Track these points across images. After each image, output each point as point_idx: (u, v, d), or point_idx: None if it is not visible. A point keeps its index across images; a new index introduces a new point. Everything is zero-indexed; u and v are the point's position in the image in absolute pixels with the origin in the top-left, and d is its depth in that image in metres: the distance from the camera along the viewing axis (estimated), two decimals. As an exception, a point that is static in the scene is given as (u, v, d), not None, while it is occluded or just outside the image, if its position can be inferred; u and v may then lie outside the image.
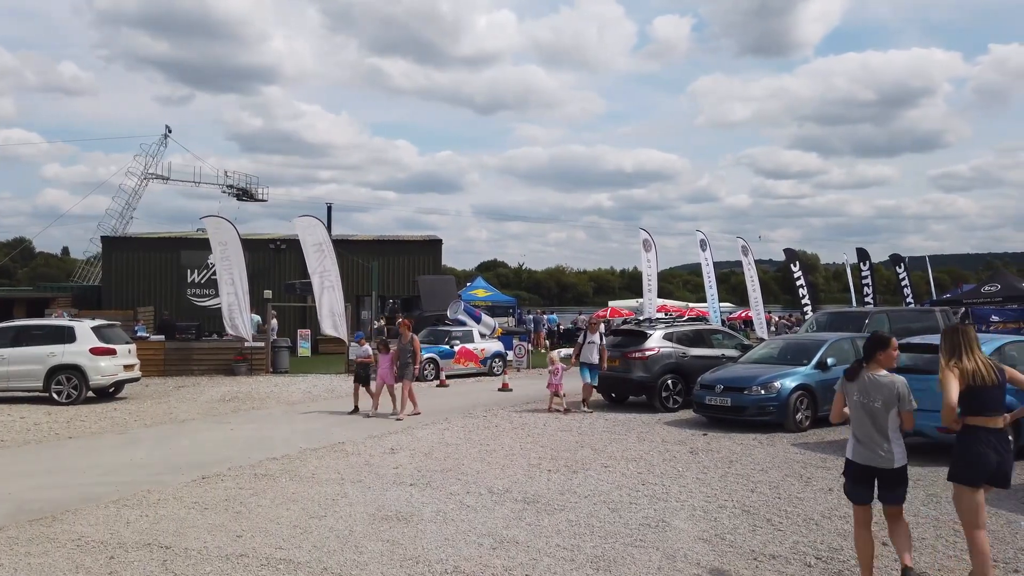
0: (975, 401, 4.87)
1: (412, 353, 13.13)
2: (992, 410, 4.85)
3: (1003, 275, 25.10)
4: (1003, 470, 4.88)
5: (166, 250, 32.31)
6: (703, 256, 26.28)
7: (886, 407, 4.92)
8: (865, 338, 13.43)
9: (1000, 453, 4.84)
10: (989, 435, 4.85)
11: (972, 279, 52.33)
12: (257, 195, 43.85)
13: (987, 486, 4.94)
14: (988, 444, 4.83)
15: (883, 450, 4.93)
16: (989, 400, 4.86)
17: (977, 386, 4.84)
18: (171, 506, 7.20)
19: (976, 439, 4.85)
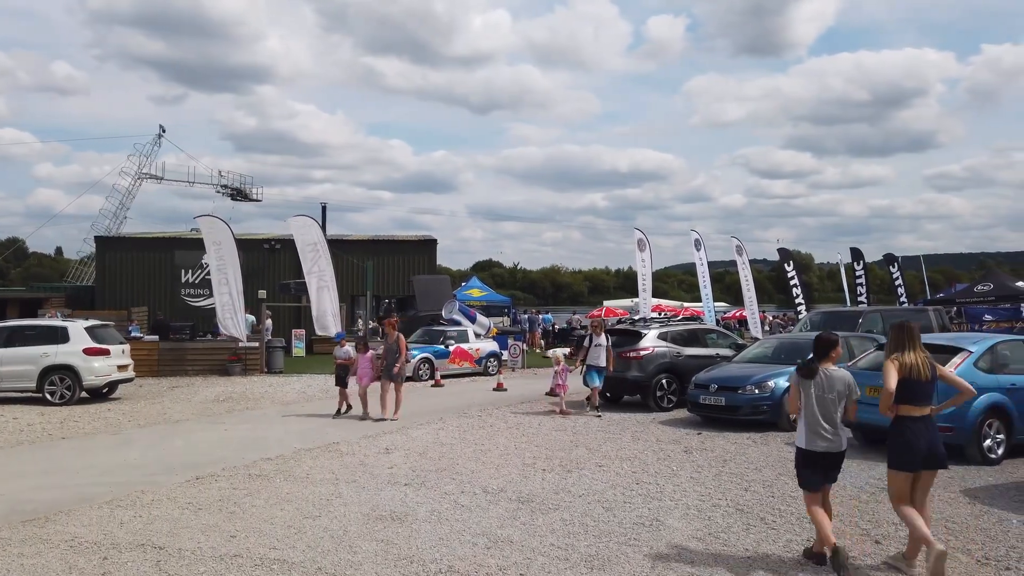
0: (908, 392, 5.39)
1: (398, 353, 12.74)
2: (921, 401, 5.41)
3: (996, 275, 25.24)
4: (935, 453, 5.39)
5: (160, 250, 32.21)
6: (697, 256, 26.33)
7: (839, 398, 5.52)
8: (857, 336, 13.40)
9: (928, 438, 5.38)
10: (917, 423, 5.41)
11: (966, 278, 52.53)
12: (251, 195, 43.79)
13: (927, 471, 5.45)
14: (916, 432, 5.37)
15: (835, 437, 5.54)
16: (920, 393, 5.41)
17: (912, 379, 5.37)
18: (165, 506, 7.19)
19: (905, 427, 5.41)
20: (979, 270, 61.16)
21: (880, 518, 6.78)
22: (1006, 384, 9.18)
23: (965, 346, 9.45)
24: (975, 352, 9.28)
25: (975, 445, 8.92)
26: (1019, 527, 6.51)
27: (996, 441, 9.05)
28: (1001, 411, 9.05)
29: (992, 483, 8.12)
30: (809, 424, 5.54)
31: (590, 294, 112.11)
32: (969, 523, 6.63)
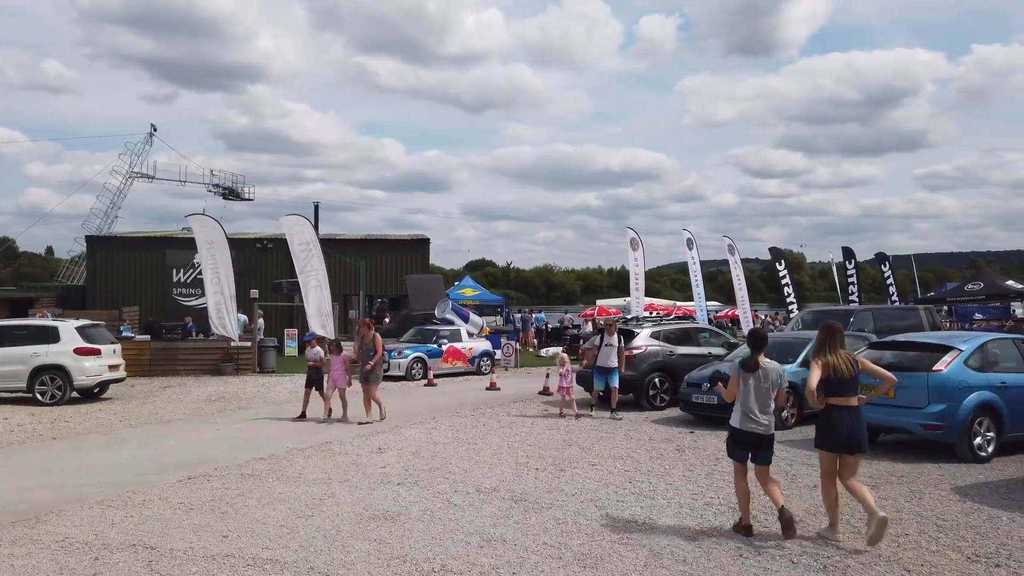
0: (834, 386, 6.14)
1: (375, 353, 12.35)
2: (847, 393, 6.15)
3: (986, 274, 25.38)
4: (855, 439, 6.10)
5: (151, 249, 32.08)
6: (690, 255, 26.38)
7: (772, 387, 6.26)
8: (849, 335, 13.50)
9: (852, 425, 6.10)
10: (844, 412, 6.13)
11: (956, 278, 52.81)
12: (243, 194, 43.63)
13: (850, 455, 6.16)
14: (842, 420, 6.12)
15: (765, 421, 6.26)
16: (844, 387, 6.15)
17: (836, 376, 6.11)
18: (157, 507, 7.16)
19: (832, 416, 6.17)
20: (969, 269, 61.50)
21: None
22: (996, 382, 9.23)
23: (955, 345, 9.50)
24: (965, 351, 9.34)
25: (965, 443, 8.97)
26: (1009, 524, 6.55)
27: (986, 439, 9.10)
28: (991, 409, 9.11)
29: (982, 481, 8.16)
30: (744, 410, 6.31)
31: (583, 293, 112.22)
32: (960, 520, 6.67)
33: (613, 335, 12.98)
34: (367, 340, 12.51)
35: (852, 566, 5.50)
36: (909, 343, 10.31)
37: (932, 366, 9.21)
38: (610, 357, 12.84)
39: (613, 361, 12.82)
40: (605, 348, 12.85)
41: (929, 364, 9.27)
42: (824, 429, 6.23)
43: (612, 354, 12.83)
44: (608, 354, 12.85)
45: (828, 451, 6.22)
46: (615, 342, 12.90)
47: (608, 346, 12.86)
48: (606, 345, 12.87)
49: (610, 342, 12.88)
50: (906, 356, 9.92)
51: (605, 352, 12.84)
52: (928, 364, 9.28)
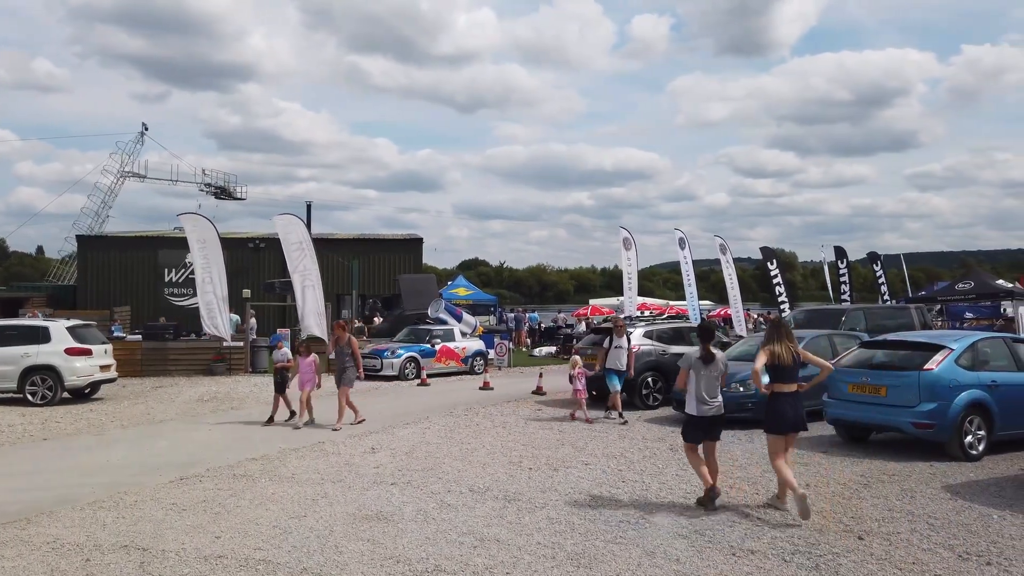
0: (778, 374, 6.89)
1: (350, 356, 11.98)
2: (789, 381, 6.90)
3: (977, 273, 25.48)
4: (799, 421, 6.94)
5: (143, 249, 31.98)
6: (682, 254, 26.43)
7: (720, 374, 7.14)
8: (841, 334, 13.50)
9: (794, 408, 6.90)
10: (787, 397, 6.91)
11: (947, 277, 53.10)
12: (236, 193, 43.44)
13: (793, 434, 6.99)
14: (786, 404, 6.88)
15: (716, 403, 7.11)
16: (787, 374, 6.90)
17: (779, 364, 6.86)
18: (148, 508, 7.13)
19: (777, 401, 6.91)
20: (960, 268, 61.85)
21: (863, 514, 6.84)
22: (987, 381, 9.29)
23: (947, 344, 9.55)
24: (956, 350, 9.38)
25: (956, 442, 9.02)
26: (1000, 522, 6.59)
27: (977, 437, 9.15)
28: (982, 408, 9.16)
29: (973, 479, 8.21)
30: (698, 397, 7.11)
31: (576, 293, 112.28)
32: (951, 519, 6.70)
33: (622, 336, 12.69)
34: (342, 343, 12.10)
35: (844, 564, 5.53)
36: (900, 342, 10.35)
37: (923, 365, 9.26)
38: (619, 358, 12.56)
39: (622, 363, 12.56)
40: (614, 350, 12.57)
41: (920, 363, 9.32)
42: (772, 415, 6.97)
43: (622, 356, 12.57)
44: (618, 355, 12.58)
45: (778, 434, 6.95)
46: (624, 343, 12.63)
47: (617, 348, 12.59)
48: (615, 347, 12.59)
49: (619, 343, 12.61)
50: (897, 355, 9.97)
51: (615, 354, 12.57)
52: (919, 363, 9.33)
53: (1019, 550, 5.85)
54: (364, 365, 19.56)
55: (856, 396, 9.83)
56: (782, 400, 6.90)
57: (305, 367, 12.13)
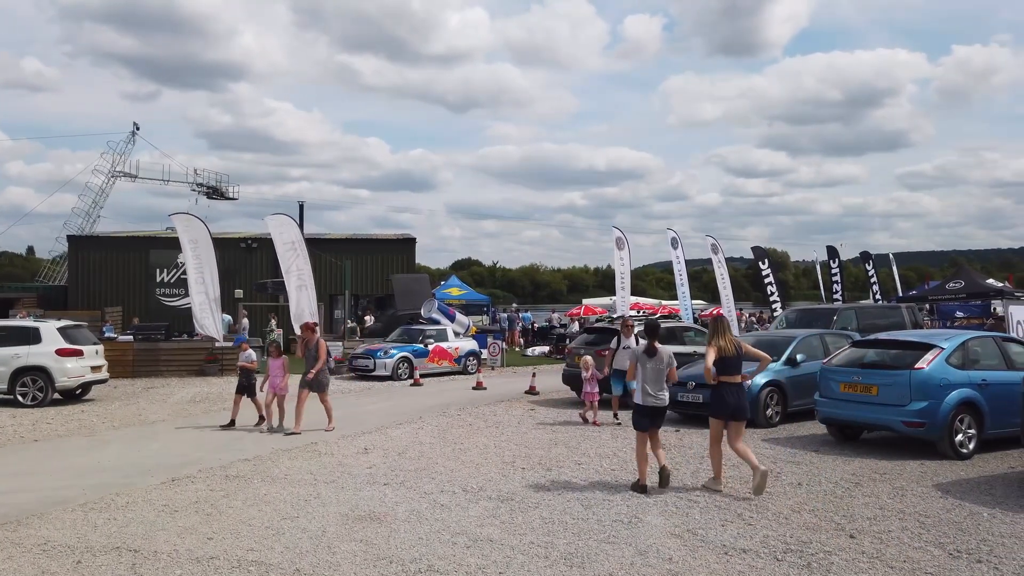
0: (723, 366, 7.63)
1: (317, 359, 11.41)
2: (733, 372, 7.64)
3: (967, 272, 25.66)
4: (740, 409, 7.70)
5: (134, 249, 31.83)
6: (674, 254, 26.47)
7: (665, 368, 7.75)
8: (833, 333, 13.54)
9: (736, 398, 7.65)
10: (730, 387, 7.64)
11: (938, 276, 53.36)
12: (227, 193, 43.29)
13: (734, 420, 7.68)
14: (729, 393, 7.63)
15: (663, 396, 7.79)
16: (731, 366, 7.63)
17: (725, 357, 7.59)
18: (140, 509, 7.10)
19: (722, 391, 7.66)
20: (950, 267, 62.17)
21: (854, 512, 6.88)
22: (977, 380, 9.34)
23: (937, 343, 9.59)
24: (947, 349, 9.43)
25: (947, 440, 9.07)
26: (990, 520, 6.63)
27: (967, 436, 9.20)
28: (972, 406, 9.21)
29: (964, 477, 8.26)
30: (644, 388, 7.76)
31: (569, 292, 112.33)
32: (941, 517, 6.74)
33: (630, 337, 12.15)
34: (310, 345, 11.57)
35: (836, 563, 5.55)
36: (891, 341, 10.40)
37: (914, 364, 9.30)
38: (627, 360, 12.25)
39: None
40: (622, 351, 12.06)
41: (911, 362, 9.37)
42: (716, 402, 7.76)
43: (627, 356, 12.34)
44: (625, 357, 11.66)
45: (719, 418, 7.75)
46: (632, 344, 11.98)
47: (625, 348, 12.04)
48: (623, 348, 12.10)
49: (627, 344, 12.11)
50: (888, 354, 10.01)
51: (622, 355, 11.97)
52: (910, 362, 9.38)
53: (1009, 548, 5.89)
54: (357, 365, 19.73)
55: (848, 395, 9.87)
56: (726, 389, 7.69)
57: (274, 370, 11.57)
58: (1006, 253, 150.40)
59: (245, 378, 12.14)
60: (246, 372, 12.20)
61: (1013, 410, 8.23)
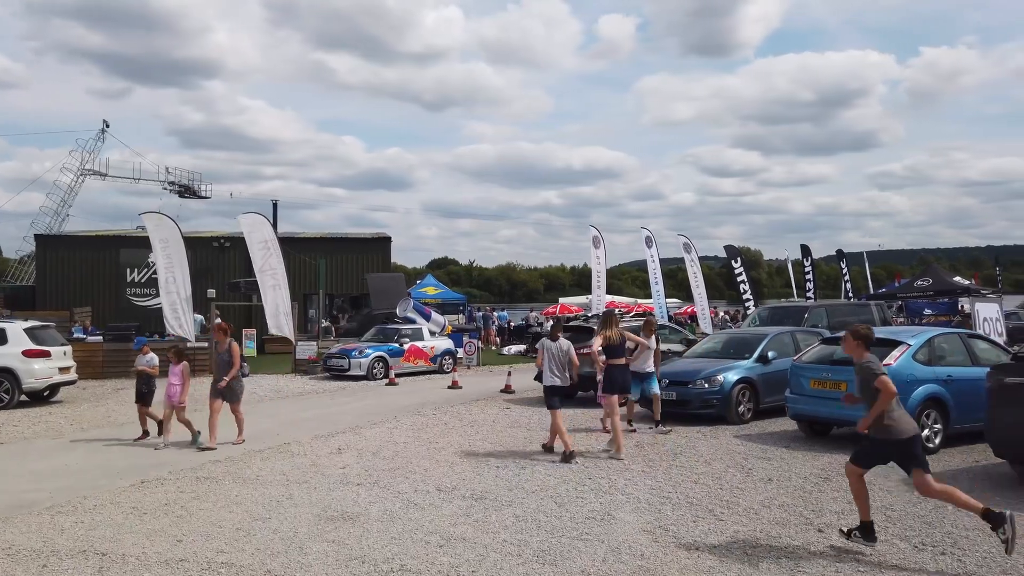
0: (610, 351, 9.63)
1: (230, 365, 10.24)
2: (618, 356, 9.68)
3: (935, 270, 26.09)
4: (624, 384, 9.80)
5: (104, 248, 31.37)
6: (649, 253, 26.65)
7: (564, 356, 9.30)
8: (803, 331, 13.67)
9: (622, 376, 9.74)
10: (616, 369, 9.66)
11: (907, 274, 54.23)
12: (200, 192, 42.83)
13: (622, 395, 9.86)
14: (616, 372, 9.64)
15: (562, 377, 9.30)
16: (616, 351, 9.68)
17: (611, 344, 9.58)
18: (108, 512, 7.00)
19: (612, 372, 9.63)
20: (919, 266, 63.21)
21: (823, 507, 6.98)
22: (943, 375, 9.51)
23: (904, 339, 9.76)
24: (913, 345, 9.60)
25: (914, 435, 9.20)
26: (955, 513, 6.75)
27: (934, 431, 9.36)
28: (938, 402, 9.38)
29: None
30: (549, 370, 9.35)
31: (546, 291, 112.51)
32: (907, 510, 6.86)
33: (651, 337, 11.35)
34: (222, 349, 10.41)
35: (803, 556, 5.63)
36: (860, 338, 10.53)
37: (882, 360, 9.43)
38: (647, 360, 11.25)
39: (650, 365, 11.24)
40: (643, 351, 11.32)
41: (879, 358, 9.49)
42: (608, 381, 9.67)
43: (649, 357, 11.27)
44: (645, 358, 11.27)
45: (611, 394, 9.59)
46: (653, 344, 11.36)
47: (646, 349, 11.32)
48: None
49: (648, 345, 11.33)
50: (857, 351, 10.14)
51: (642, 356, 11.24)
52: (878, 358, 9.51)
53: (972, 540, 6.01)
54: (331, 365, 19.60)
55: (817, 392, 10.00)
56: (614, 370, 9.65)
57: (174, 377, 10.44)
58: (973, 252, 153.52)
59: (144, 384, 10.92)
60: (146, 378, 10.95)
61: (978, 405, 8.38)
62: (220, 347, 10.51)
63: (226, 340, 10.44)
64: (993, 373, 7.97)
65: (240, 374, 10.59)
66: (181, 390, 10.43)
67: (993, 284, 40.07)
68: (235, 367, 10.31)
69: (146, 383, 10.96)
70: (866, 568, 5.40)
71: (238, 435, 10.51)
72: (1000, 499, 7.19)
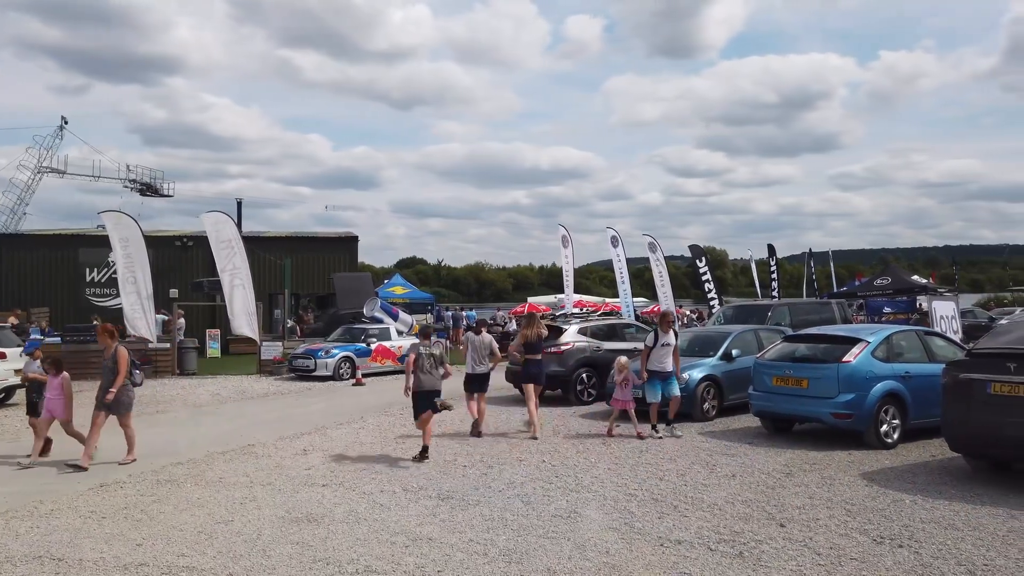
0: (528, 348, 11.13)
1: (116, 373, 9.13)
2: (534, 352, 11.19)
3: (894, 269, 26.63)
4: (538, 375, 11.22)
5: (63, 248, 30.65)
6: (615, 252, 26.82)
7: (484, 349, 10.97)
8: (767, 329, 13.84)
9: (537, 368, 11.23)
10: (532, 362, 11.17)
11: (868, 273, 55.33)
12: (162, 190, 42.04)
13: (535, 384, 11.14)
14: (532, 365, 11.17)
15: (482, 367, 10.88)
16: (533, 348, 11.17)
17: (528, 342, 11.10)
18: (65, 516, 6.85)
19: (528, 364, 11.17)
20: (879, 265, 64.57)
21: (785, 502, 7.08)
22: (900, 372, 9.72)
23: (863, 337, 9.95)
24: (872, 343, 9.79)
25: (873, 431, 9.41)
26: (912, 507, 6.91)
27: (892, 426, 9.56)
28: (896, 398, 9.58)
29: (888, 466, 8.59)
30: (472, 359, 10.96)
31: (515, 291, 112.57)
32: (867, 504, 7.00)
33: (669, 332, 10.62)
34: (107, 355, 9.30)
35: (767, 551, 5.71)
36: (821, 336, 10.74)
37: (842, 357, 9.63)
38: (666, 358, 10.55)
39: (669, 363, 10.56)
40: (660, 348, 10.57)
41: (839, 356, 9.69)
42: (525, 373, 11.25)
43: (668, 354, 10.56)
44: (663, 355, 10.55)
45: (525, 383, 11.13)
46: (672, 340, 10.62)
47: (665, 346, 10.58)
48: (662, 345, 10.58)
49: (666, 341, 10.59)
50: (818, 348, 10.33)
51: (660, 353, 10.55)
52: (838, 356, 9.70)
53: (929, 532, 6.15)
54: (297, 366, 19.38)
55: (780, 388, 10.15)
56: (530, 363, 11.18)
57: (52, 390, 9.39)
58: (931, 251, 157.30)
59: (36, 392, 9.86)
60: (36, 386, 9.87)
61: (935, 401, 8.58)
62: (106, 352, 9.32)
63: (112, 344, 9.34)
64: (949, 369, 8.16)
65: (129, 383, 9.43)
66: (63, 404, 9.34)
67: (950, 283, 41.15)
68: (121, 375, 9.12)
69: (37, 391, 9.83)
70: (826, 561, 5.50)
71: (127, 453, 9.28)
72: (956, 491, 7.39)
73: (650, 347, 10.68)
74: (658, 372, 10.53)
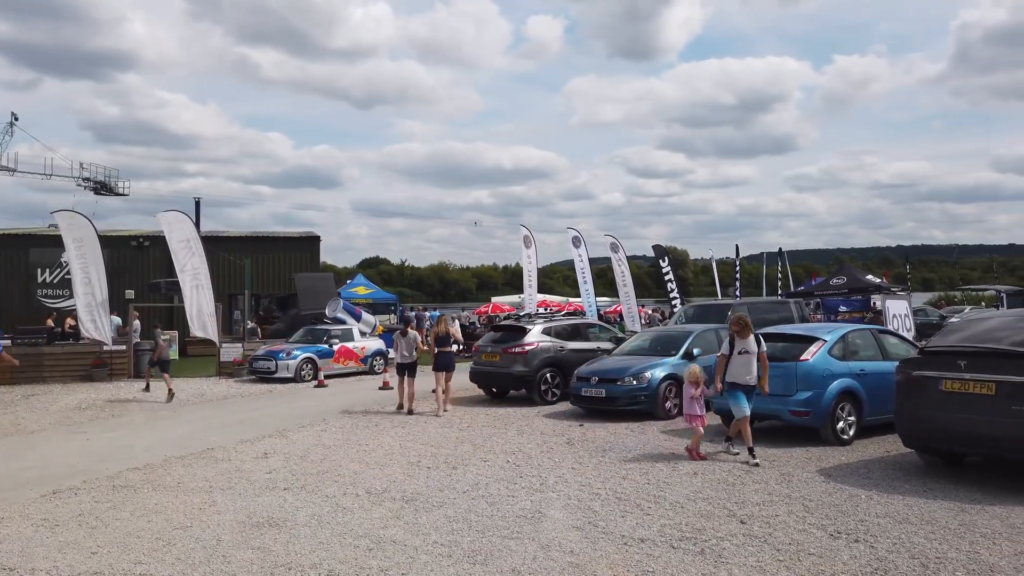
0: (438, 341, 13.24)
1: None
2: (445, 346, 13.25)
3: (848, 269, 27.25)
4: (447, 364, 13.27)
5: (13, 248, 29.81)
6: (576, 252, 26.97)
7: (413, 344, 13.42)
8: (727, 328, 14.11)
9: (447, 359, 13.27)
10: (441, 353, 13.36)
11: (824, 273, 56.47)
12: (117, 189, 41.14)
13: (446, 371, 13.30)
14: (441, 356, 13.33)
15: (410, 357, 13.34)
16: (442, 342, 13.23)
17: (439, 336, 13.30)
18: (16, 525, 6.65)
19: (439, 355, 13.37)
20: (835, 265, 65.99)
21: (745, 499, 7.19)
22: (856, 369, 9.94)
23: (820, 335, 10.16)
24: (829, 341, 10.00)
25: (830, 428, 9.60)
26: (867, 502, 7.08)
27: (848, 423, 9.77)
28: (852, 395, 9.79)
29: (844, 462, 8.78)
30: (400, 352, 13.46)
31: (478, 290, 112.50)
32: (824, 500, 7.14)
33: (748, 337, 8.99)
34: None
35: (727, 548, 5.80)
36: (779, 335, 10.91)
37: (799, 356, 9.81)
38: (747, 369, 8.96)
39: (753, 375, 8.94)
40: (738, 357, 9.02)
41: (797, 354, 9.87)
42: (436, 362, 13.19)
43: (750, 364, 8.95)
44: (744, 363, 8.98)
45: (439, 372, 13.13)
46: (752, 347, 8.98)
47: (743, 353, 8.98)
48: (739, 353, 9.02)
49: (745, 348, 8.98)
50: (776, 347, 10.47)
51: (739, 362, 9.01)
52: (796, 354, 9.88)
53: (884, 527, 6.30)
54: (258, 367, 19.09)
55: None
56: (440, 355, 13.16)
57: None
58: (884, 251, 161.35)
59: None
60: None
61: (889, 397, 8.78)
62: None
63: None
64: (902, 367, 8.37)
65: None
66: None
67: (903, 282, 42.17)
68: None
69: None
70: (785, 557, 5.60)
71: None
72: (910, 486, 7.58)
73: (727, 355, 9.14)
74: (740, 384, 8.94)
